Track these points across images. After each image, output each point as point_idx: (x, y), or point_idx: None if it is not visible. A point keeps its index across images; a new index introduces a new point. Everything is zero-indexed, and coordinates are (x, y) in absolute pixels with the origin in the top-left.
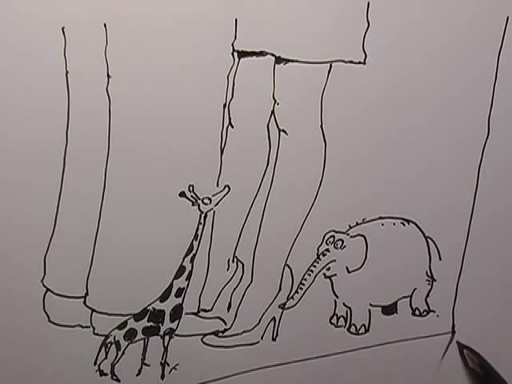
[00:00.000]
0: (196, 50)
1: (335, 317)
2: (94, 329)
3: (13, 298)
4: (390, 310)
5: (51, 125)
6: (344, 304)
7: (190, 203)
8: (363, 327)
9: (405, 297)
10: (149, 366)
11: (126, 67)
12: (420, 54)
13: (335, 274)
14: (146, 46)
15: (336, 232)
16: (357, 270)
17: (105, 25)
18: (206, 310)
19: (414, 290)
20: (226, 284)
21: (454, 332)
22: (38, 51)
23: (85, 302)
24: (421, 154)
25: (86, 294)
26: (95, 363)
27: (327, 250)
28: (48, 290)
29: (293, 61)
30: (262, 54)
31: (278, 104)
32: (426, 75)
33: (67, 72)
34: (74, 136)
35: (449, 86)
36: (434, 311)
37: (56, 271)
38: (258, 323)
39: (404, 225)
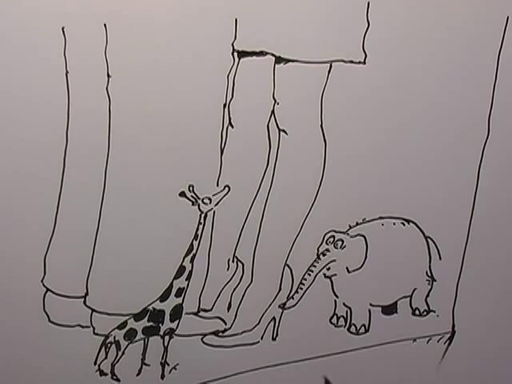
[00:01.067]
0: (196, 50)
1: (335, 317)
2: (94, 329)
3: (13, 298)
4: (390, 309)
5: (51, 124)
6: (344, 304)
7: (190, 203)
8: (363, 327)
9: (405, 297)
10: (149, 365)
11: (126, 67)
12: (420, 54)
13: (335, 274)
14: (146, 46)
15: (336, 232)
16: (357, 269)
17: (105, 25)
18: (206, 310)
19: (414, 290)
20: (226, 284)
21: (454, 332)
22: (38, 51)
23: (85, 302)
24: (421, 154)
25: (86, 293)
26: (95, 363)
27: (327, 249)
28: (48, 289)
29: (293, 61)
30: (262, 53)
31: (278, 104)
32: (426, 75)
33: (67, 72)
34: (74, 136)
35: (449, 85)
36: (434, 311)
37: (56, 271)
38: (258, 323)
39: (404, 225)
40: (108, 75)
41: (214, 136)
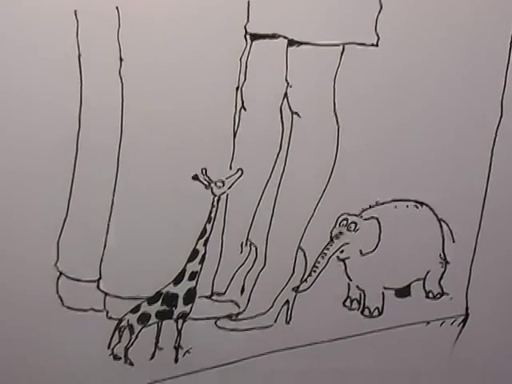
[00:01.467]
0: (208, 33)
1: (349, 300)
2: (107, 312)
3: (26, 282)
4: (403, 292)
5: (64, 109)
6: (357, 287)
7: (203, 186)
8: (377, 310)
9: (418, 279)
10: (162, 349)
11: (139, 50)
12: (433, 36)
13: (349, 257)
14: (159, 29)
15: (349, 215)
16: (370, 252)
17: (117, 8)
18: (219, 294)
19: (427, 273)
20: (240, 267)
21: (467, 314)
22: (50, 34)
23: (98, 286)
24: (434, 136)
25: (100, 277)
26: (109, 347)
27: (340, 232)
28: (61, 273)
29: (305, 43)
30: (274, 36)
31: (290, 86)
32: (439, 57)
33: (80, 55)
34: (87, 119)
35: (462, 68)
36: (448, 294)
37: (69, 255)
38: (272, 306)
39: (417, 207)
40: (121, 59)
41: (226, 119)
